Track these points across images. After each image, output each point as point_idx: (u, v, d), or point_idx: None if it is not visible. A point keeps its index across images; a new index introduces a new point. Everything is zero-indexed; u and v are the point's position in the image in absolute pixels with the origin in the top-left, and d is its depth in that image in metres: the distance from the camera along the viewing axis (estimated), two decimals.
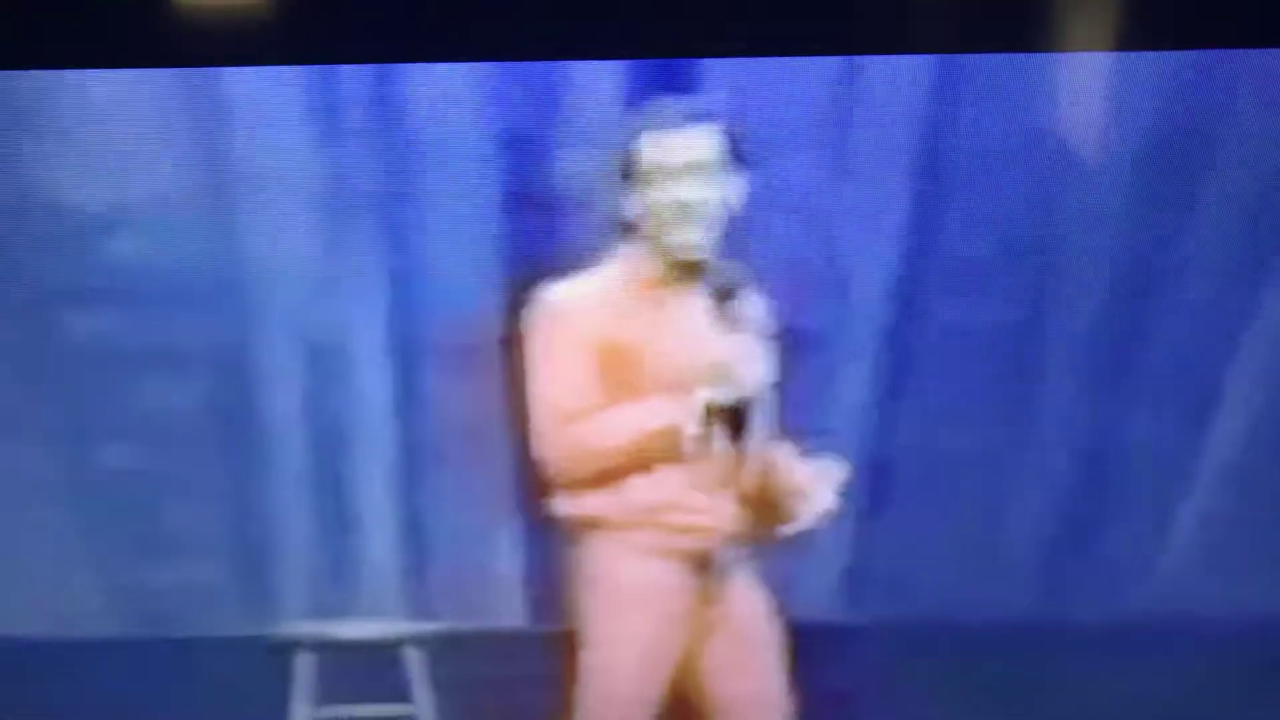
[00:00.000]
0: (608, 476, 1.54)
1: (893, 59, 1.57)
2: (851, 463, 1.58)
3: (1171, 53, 1.58)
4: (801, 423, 1.58)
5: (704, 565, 1.58)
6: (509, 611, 1.78)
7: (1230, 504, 1.66)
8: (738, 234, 1.53)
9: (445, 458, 1.77)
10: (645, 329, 1.52)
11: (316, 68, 1.62)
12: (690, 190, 1.51)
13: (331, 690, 1.81)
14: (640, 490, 1.54)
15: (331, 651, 1.80)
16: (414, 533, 1.79)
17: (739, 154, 1.53)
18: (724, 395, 1.50)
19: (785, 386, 1.56)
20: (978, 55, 1.54)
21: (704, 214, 1.52)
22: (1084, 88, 1.59)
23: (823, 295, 1.62)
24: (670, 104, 1.52)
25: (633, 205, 1.52)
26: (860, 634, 1.67)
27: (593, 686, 1.57)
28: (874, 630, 1.67)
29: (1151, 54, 1.60)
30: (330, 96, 1.65)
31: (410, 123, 1.61)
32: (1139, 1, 1.58)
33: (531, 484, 1.64)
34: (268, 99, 1.68)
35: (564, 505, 1.57)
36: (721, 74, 1.55)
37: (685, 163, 1.51)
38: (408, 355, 1.76)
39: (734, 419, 1.51)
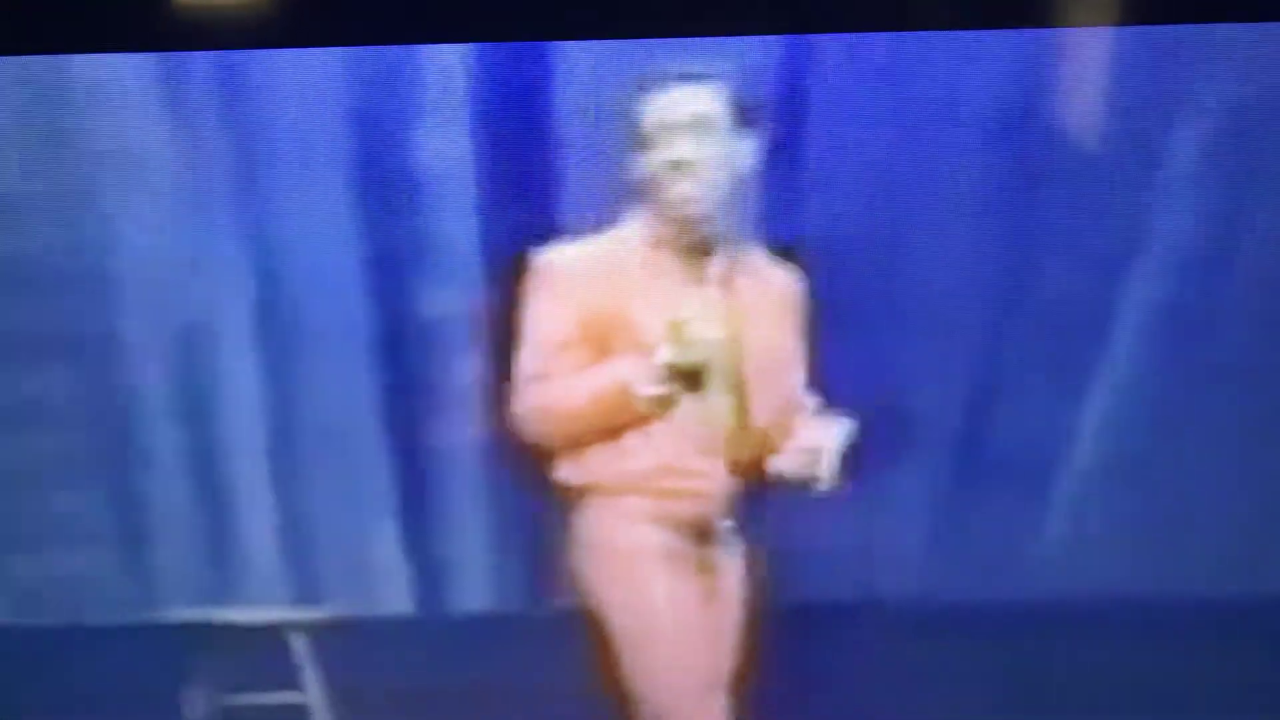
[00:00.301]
0: (579, 439, 1.55)
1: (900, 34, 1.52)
2: (862, 432, 1.59)
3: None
4: (814, 387, 1.59)
5: (702, 533, 1.60)
6: (394, 598, 1.77)
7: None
8: (748, 200, 1.53)
9: (323, 444, 1.74)
10: (632, 292, 1.53)
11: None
12: (689, 147, 1.50)
13: (220, 678, 1.82)
14: (634, 454, 1.55)
15: (217, 638, 1.81)
16: (292, 519, 1.78)
17: (746, 115, 1.51)
18: (680, 356, 1.50)
19: (802, 351, 1.56)
20: (978, 30, 1.50)
21: (703, 171, 1.51)
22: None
23: (852, 266, 1.59)
24: (673, 65, 1.51)
25: (638, 168, 1.52)
26: (854, 612, 1.69)
27: (632, 656, 1.60)
28: (867, 608, 1.68)
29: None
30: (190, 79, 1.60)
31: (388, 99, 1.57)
32: None
33: (412, 472, 1.66)
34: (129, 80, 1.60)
35: (558, 470, 1.58)
36: (731, 46, 1.51)
37: (685, 119, 1.50)
38: (283, 340, 1.73)
39: (694, 379, 1.50)
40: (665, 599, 1.59)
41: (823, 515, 1.63)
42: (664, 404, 1.52)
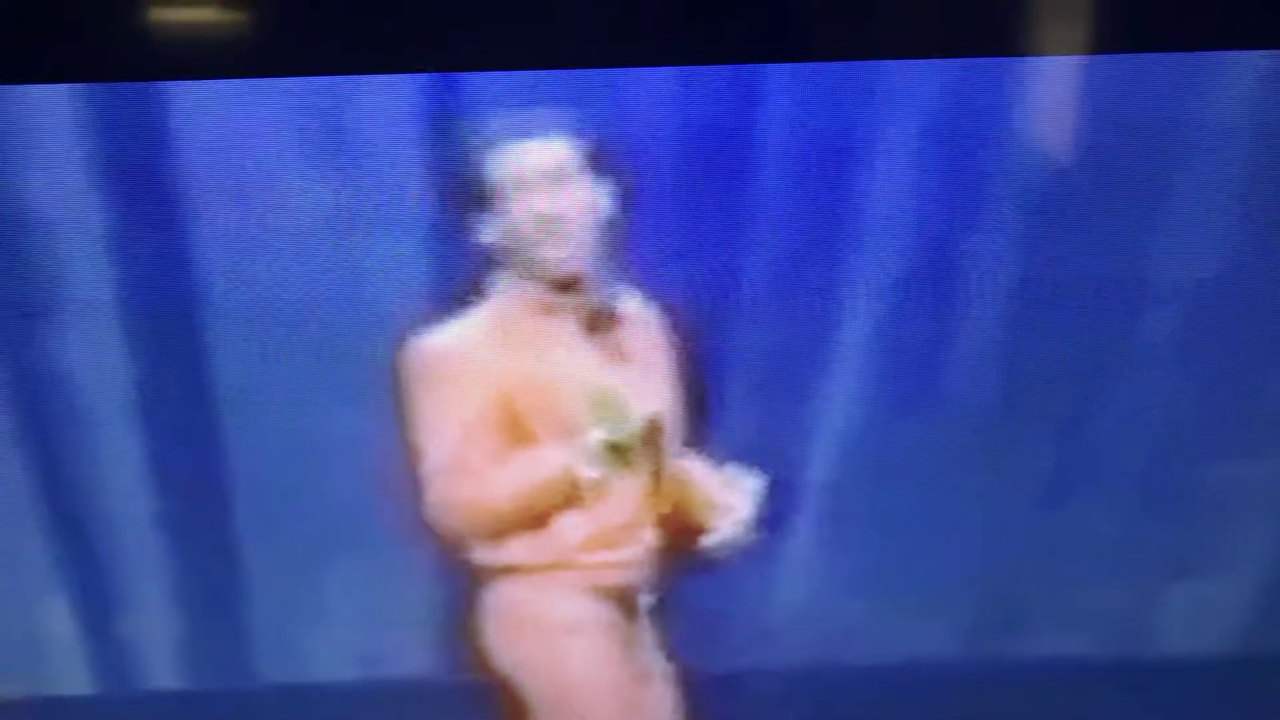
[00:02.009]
0: (504, 530, 1.56)
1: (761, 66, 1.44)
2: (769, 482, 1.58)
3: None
4: (709, 439, 1.57)
5: (627, 605, 1.60)
6: (69, 678, 1.66)
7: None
8: (619, 251, 1.50)
9: None
10: (529, 367, 1.52)
11: None
12: (549, 201, 1.47)
13: None
14: (560, 533, 1.56)
15: None
16: None
17: (601, 161, 1.47)
18: (616, 432, 1.51)
19: (686, 401, 1.55)
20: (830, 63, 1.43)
21: (568, 226, 1.49)
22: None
23: (720, 312, 1.53)
24: (514, 116, 1.46)
25: (493, 229, 1.48)
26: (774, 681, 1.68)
27: None
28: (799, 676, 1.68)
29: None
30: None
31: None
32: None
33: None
34: None
35: (477, 553, 1.57)
36: (567, 85, 1.45)
37: (539, 173, 1.47)
38: None
39: (631, 453, 1.52)
40: (592, 668, 1.61)
41: (737, 580, 1.63)
42: (603, 485, 1.54)
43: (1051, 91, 1.42)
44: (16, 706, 1.64)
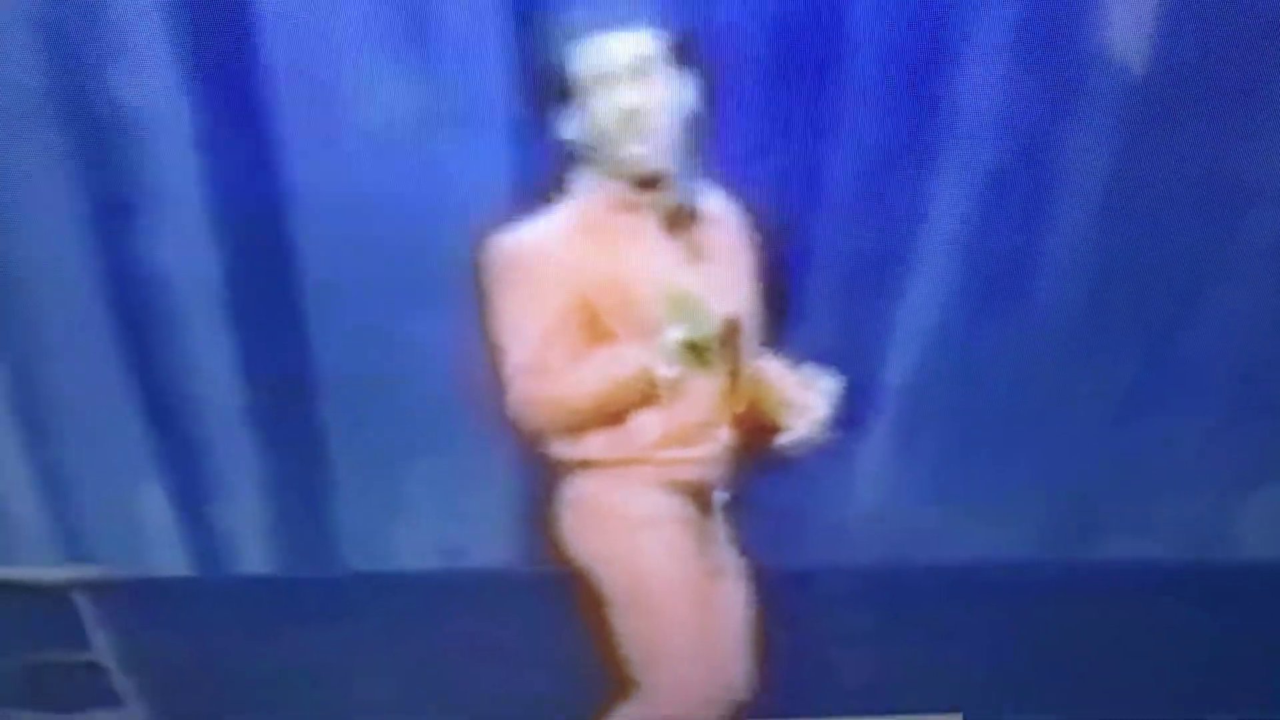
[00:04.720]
0: (583, 426, 1.56)
1: None
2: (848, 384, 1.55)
3: None
4: (788, 339, 1.56)
5: (701, 500, 1.61)
6: (168, 560, 1.72)
7: None
8: (702, 147, 1.47)
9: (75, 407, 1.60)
10: (609, 267, 1.51)
11: None
12: (632, 96, 1.45)
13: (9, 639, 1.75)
14: (638, 431, 1.56)
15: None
16: (53, 479, 1.66)
17: (685, 54, 1.45)
18: (693, 331, 1.48)
19: (766, 301, 1.54)
20: None
21: (652, 121, 1.46)
22: None
23: (803, 211, 1.52)
24: (597, 7, 1.44)
25: (575, 125, 1.47)
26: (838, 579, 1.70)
27: (630, 627, 1.61)
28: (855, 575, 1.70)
29: None
30: None
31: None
32: None
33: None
34: None
35: (556, 448, 1.57)
36: None
37: (622, 66, 1.45)
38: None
39: (709, 353, 1.49)
40: (666, 561, 1.61)
41: (813, 479, 1.65)
42: (681, 383, 1.52)
43: None
44: (118, 586, 1.71)
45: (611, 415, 1.56)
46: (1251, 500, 1.64)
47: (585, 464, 1.59)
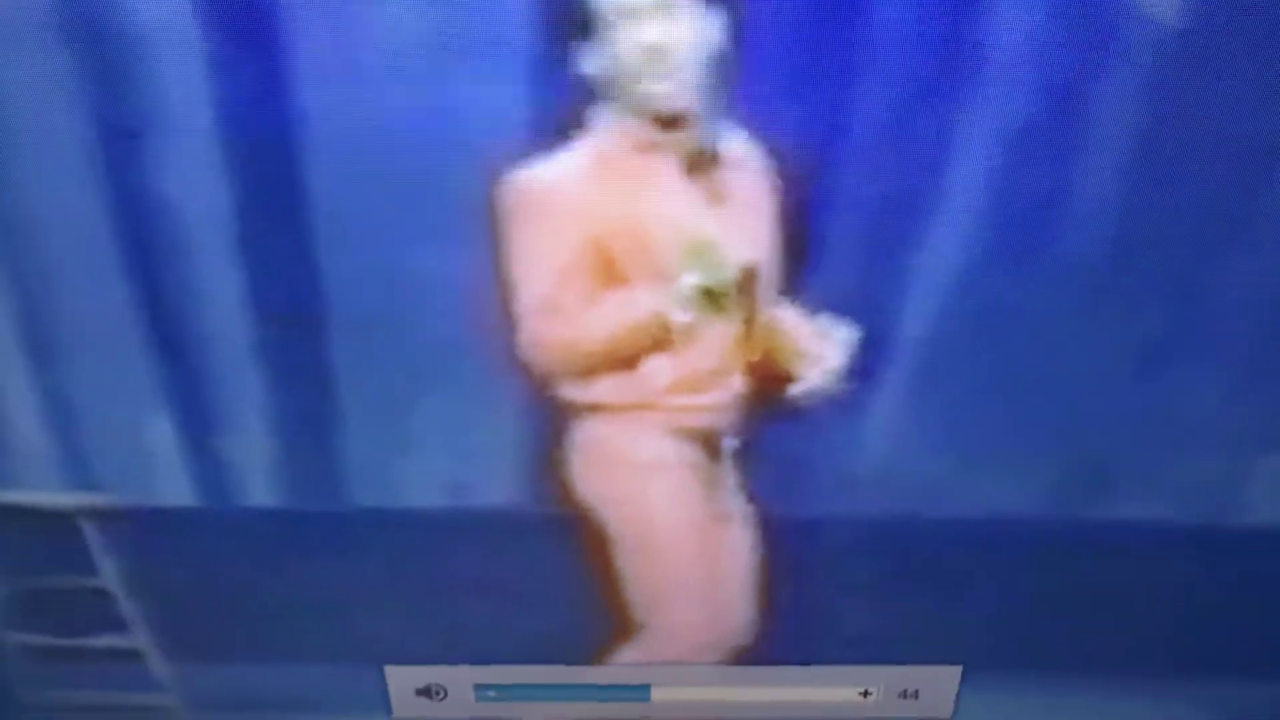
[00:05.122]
0: (594, 369, 1.56)
1: None
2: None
3: None
4: (806, 288, 1.55)
5: (711, 447, 1.62)
6: (174, 491, 1.72)
7: None
8: (726, 87, 1.45)
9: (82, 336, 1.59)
10: (627, 208, 1.50)
11: None
12: (656, 31, 1.43)
13: (16, 563, 1.77)
14: (650, 376, 1.56)
15: (4, 521, 1.74)
16: (61, 408, 1.66)
17: None
18: (710, 278, 1.48)
19: (785, 248, 1.53)
20: None
21: (675, 59, 1.44)
22: None
23: (827, 156, 1.48)
24: None
25: (596, 59, 1.45)
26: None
27: (635, 569, 1.63)
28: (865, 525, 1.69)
29: None
30: None
31: None
32: None
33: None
34: None
35: (567, 390, 1.58)
36: None
37: (647, 0, 1.42)
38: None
39: (724, 300, 1.49)
40: (673, 505, 1.63)
41: (823, 429, 1.62)
42: (695, 329, 1.52)
43: None
44: (125, 514, 1.71)
45: (623, 359, 1.55)
46: (1265, 464, 1.63)
47: (595, 407, 1.58)
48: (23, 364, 1.60)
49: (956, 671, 1.72)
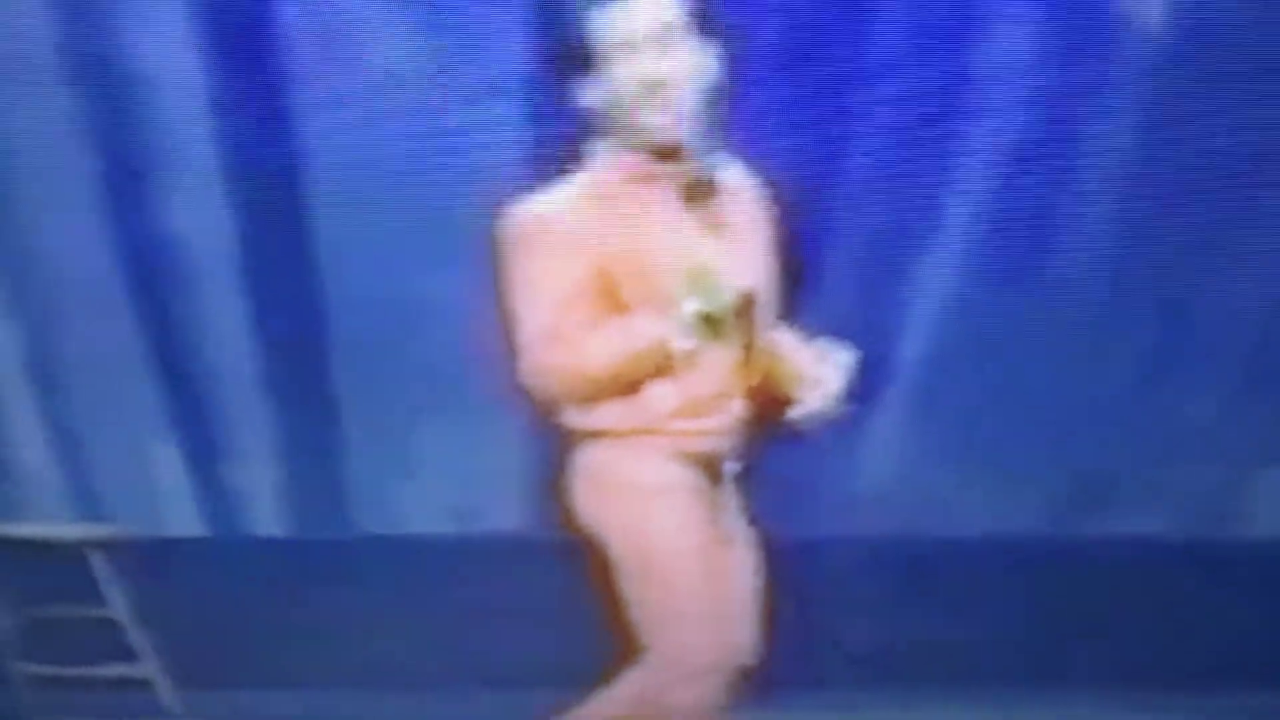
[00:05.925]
0: (597, 396, 1.53)
1: None
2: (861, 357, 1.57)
3: None
4: (804, 312, 1.58)
5: (712, 471, 1.58)
6: (182, 521, 1.78)
7: None
8: (723, 119, 1.46)
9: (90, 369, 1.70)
10: (626, 238, 1.49)
11: None
12: (653, 64, 1.42)
13: (25, 593, 1.79)
14: (651, 401, 1.53)
15: (13, 552, 1.76)
16: (69, 440, 1.74)
17: (708, 23, 1.42)
18: (710, 304, 1.44)
19: (783, 274, 1.54)
20: None
21: (674, 90, 1.43)
22: None
23: (823, 184, 1.56)
24: None
25: (595, 92, 1.45)
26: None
27: (638, 593, 1.56)
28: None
29: None
30: None
31: None
32: None
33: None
34: None
35: (569, 416, 1.55)
36: None
37: (645, 34, 1.42)
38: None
39: (724, 326, 1.46)
40: (676, 530, 1.57)
41: (825, 451, 1.67)
42: (696, 355, 1.48)
43: None
44: (132, 544, 1.72)
45: (625, 386, 1.53)
46: (1263, 478, 1.64)
47: (598, 433, 1.57)
48: (30, 396, 1.62)
49: None
